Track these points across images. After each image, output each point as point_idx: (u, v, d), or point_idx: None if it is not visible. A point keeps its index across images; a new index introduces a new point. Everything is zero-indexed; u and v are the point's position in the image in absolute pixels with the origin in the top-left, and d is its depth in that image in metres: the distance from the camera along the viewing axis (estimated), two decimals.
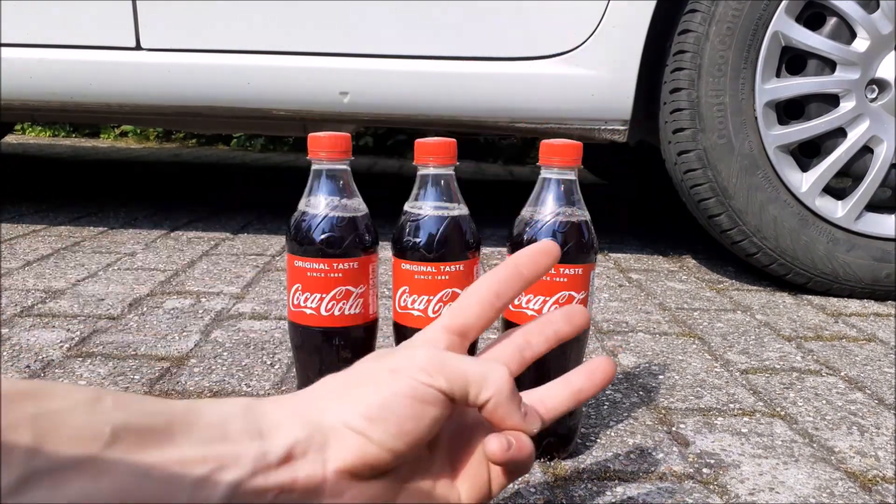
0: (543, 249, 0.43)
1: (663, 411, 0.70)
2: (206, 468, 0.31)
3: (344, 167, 0.56)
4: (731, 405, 0.72)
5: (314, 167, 0.55)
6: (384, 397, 0.35)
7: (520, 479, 0.56)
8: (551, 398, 0.41)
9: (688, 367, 0.82)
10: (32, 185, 2.03)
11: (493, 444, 0.36)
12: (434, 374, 0.35)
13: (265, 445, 0.33)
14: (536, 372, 0.48)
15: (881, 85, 1.09)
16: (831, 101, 1.10)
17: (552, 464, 0.58)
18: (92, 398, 0.30)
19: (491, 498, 0.40)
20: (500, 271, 0.42)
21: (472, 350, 0.57)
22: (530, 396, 0.40)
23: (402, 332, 0.57)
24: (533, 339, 0.42)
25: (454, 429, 0.40)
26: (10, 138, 3.48)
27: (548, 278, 0.54)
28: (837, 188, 1.14)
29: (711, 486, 0.56)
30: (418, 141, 0.55)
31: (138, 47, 1.17)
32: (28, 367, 0.74)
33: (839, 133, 1.10)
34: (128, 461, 0.29)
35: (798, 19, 1.07)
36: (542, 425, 0.39)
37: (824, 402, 0.74)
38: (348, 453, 0.34)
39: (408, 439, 0.35)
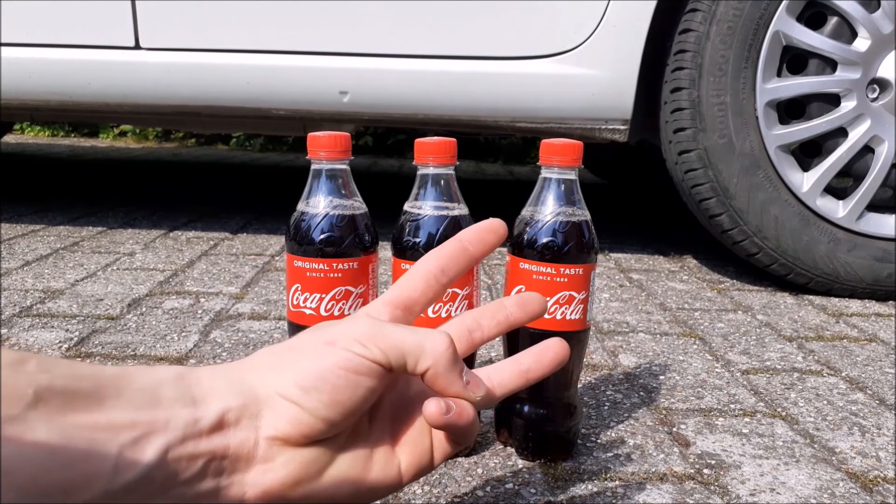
0: (490, 227, 0.44)
1: (664, 412, 0.70)
2: (135, 433, 0.31)
3: (343, 167, 0.55)
4: (732, 406, 0.72)
5: (314, 167, 0.55)
6: (318, 368, 0.35)
7: (519, 479, 0.56)
8: (498, 375, 0.40)
9: (689, 368, 0.81)
10: (31, 184, 2.03)
11: (432, 407, 0.36)
12: (369, 345, 0.35)
13: (197, 412, 0.33)
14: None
15: (882, 84, 1.08)
16: (832, 100, 1.09)
17: (552, 465, 0.58)
18: (15, 360, 0.29)
19: (433, 467, 0.40)
20: (445, 247, 0.43)
21: (470, 360, 0.57)
22: (477, 374, 0.40)
23: None
24: (484, 322, 0.42)
25: (397, 399, 0.40)
26: (8, 138, 3.48)
27: (548, 278, 0.54)
28: (838, 188, 1.14)
29: (712, 487, 0.56)
30: (418, 140, 0.55)
31: (137, 47, 1.16)
32: None
33: (840, 133, 1.10)
34: (51, 423, 0.29)
35: (799, 19, 1.07)
36: (490, 398, 0.39)
37: (825, 402, 0.74)
38: (281, 422, 0.34)
39: (342, 409, 0.35)
